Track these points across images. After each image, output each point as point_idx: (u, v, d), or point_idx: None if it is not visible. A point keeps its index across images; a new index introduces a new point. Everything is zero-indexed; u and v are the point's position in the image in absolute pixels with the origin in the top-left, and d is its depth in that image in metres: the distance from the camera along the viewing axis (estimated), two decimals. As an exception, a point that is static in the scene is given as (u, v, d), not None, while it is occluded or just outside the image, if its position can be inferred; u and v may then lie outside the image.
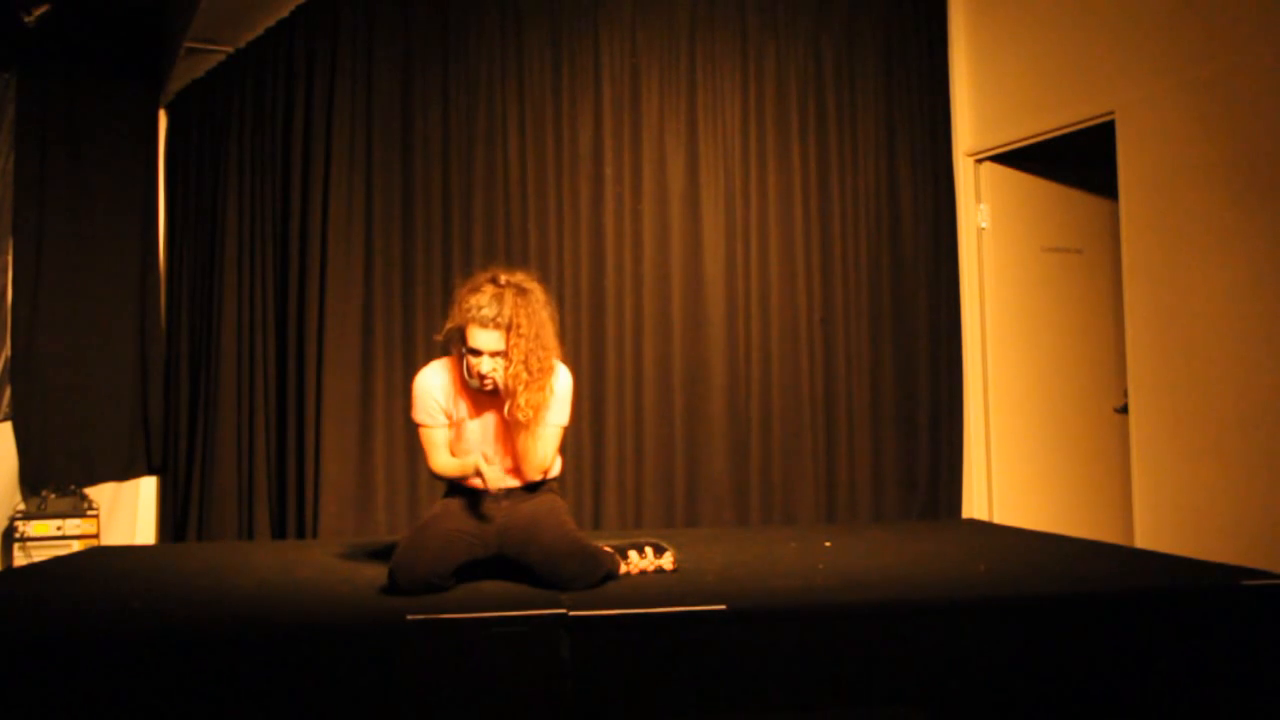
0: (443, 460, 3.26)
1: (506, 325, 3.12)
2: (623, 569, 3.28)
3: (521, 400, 3.11)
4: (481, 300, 3.15)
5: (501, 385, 3.10)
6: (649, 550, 3.35)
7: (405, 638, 2.60)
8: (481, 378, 3.11)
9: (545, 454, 3.23)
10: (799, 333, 5.03)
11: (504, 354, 3.10)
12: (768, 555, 3.71)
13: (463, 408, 3.24)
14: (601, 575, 3.12)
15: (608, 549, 3.27)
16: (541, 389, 3.16)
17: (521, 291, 3.16)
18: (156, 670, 2.50)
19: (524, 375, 3.12)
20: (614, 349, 4.84)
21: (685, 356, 4.91)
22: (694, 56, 5.04)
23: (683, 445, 4.88)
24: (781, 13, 5.14)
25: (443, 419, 3.24)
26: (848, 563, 3.52)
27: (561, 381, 3.24)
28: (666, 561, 3.34)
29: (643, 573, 3.30)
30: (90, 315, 4.78)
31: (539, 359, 3.15)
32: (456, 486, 3.28)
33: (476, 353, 3.11)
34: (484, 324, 3.12)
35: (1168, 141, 4.23)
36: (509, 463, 3.25)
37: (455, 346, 3.21)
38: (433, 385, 3.24)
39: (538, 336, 3.16)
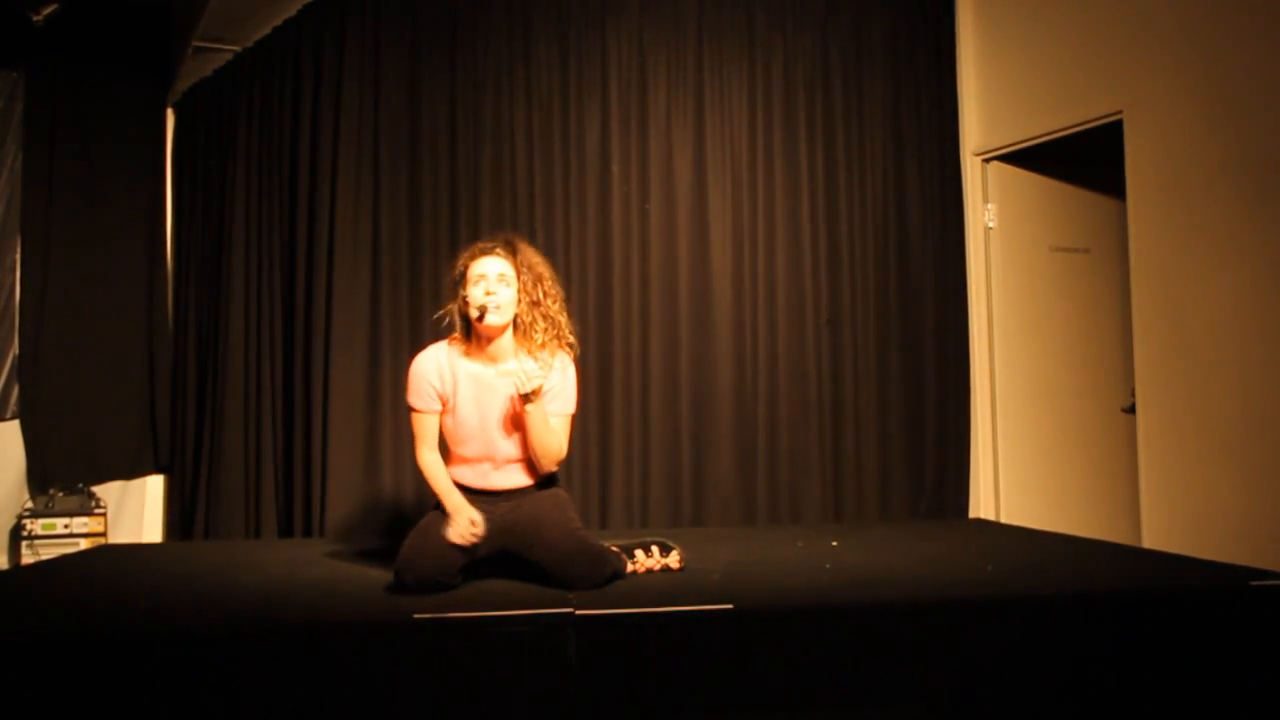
0: (428, 456, 3.20)
1: (513, 253, 3.15)
2: (629, 568, 3.27)
3: (536, 356, 3.12)
4: (483, 242, 3.22)
5: (500, 313, 3.08)
6: (655, 549, 3.35)
7: (412, 637, 2.60)
8: (482, 310, 3.07)
9: (560, 445, 3.20)
10: (806, 332, 5.03)
11: (512, 285, 3.11)
12: (774, 555, 3.71)
13: (460, 392, 3.17)
14: (609, 574, 3.11)
15: (614, 548, 3.27)
16: (556, 342, 3.17)
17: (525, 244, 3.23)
18: (163, 668, 2.50)
19: (538, 319, 3.13)
20: (621, 348, 4.84)
21: (692, 356, 4.91)
22: (701, 56, 5.03)
23: (689, 445, 4.87)
24: (789, 12, 5.14)
25: (436, 404, 3.18)
26: (854, 562, 3.51)
27: (569, 369, 3.23)
28: (673, 560, 3.34)
29: (649, 571, 3.30)
30: (98, 314, 4.79)
31: (553, 305, 3.16)
32: (459, 485, 3.26)
33: (479, 280, 3.11)
34: (486, 252, 3.16)
35: (1176, 141, 4.22)
36: (514, 452, 3.20)
37: (456, 307, 3.20)
38: (427, 368, 3.19)
39: (547, 282, 3.18)
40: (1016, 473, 5.12)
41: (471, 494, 3.21)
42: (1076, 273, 5.28)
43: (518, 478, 3.23)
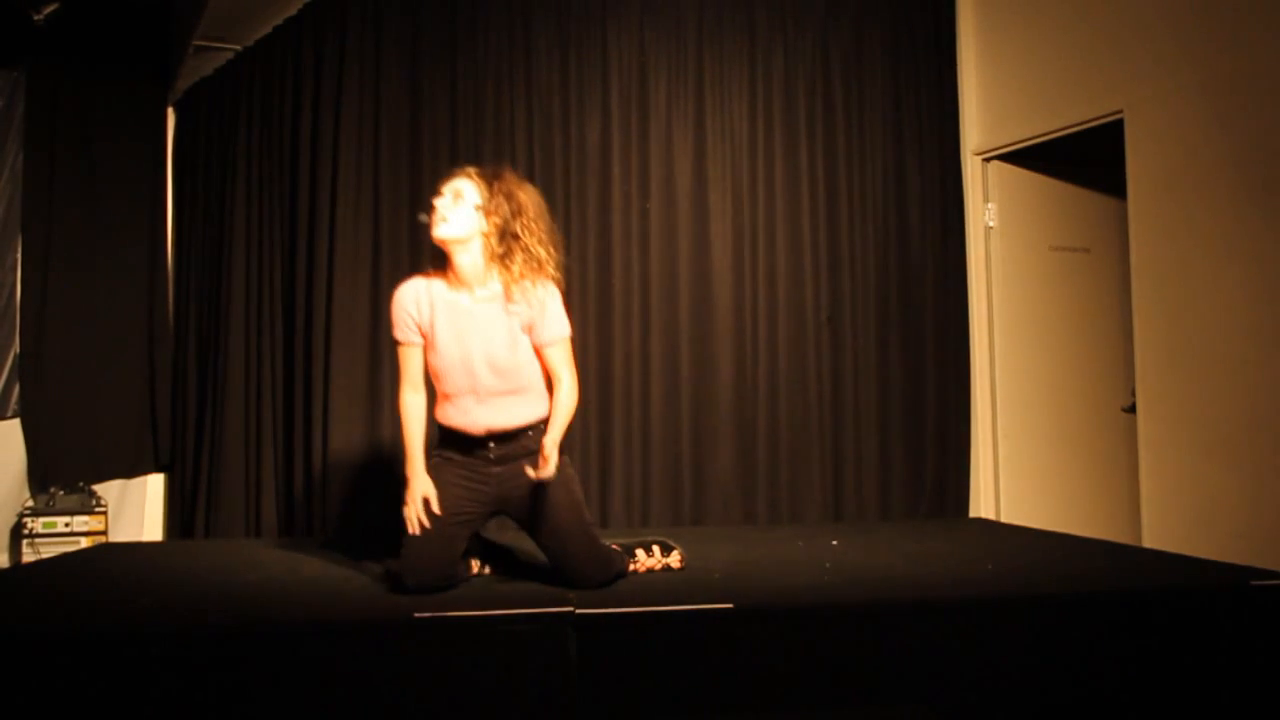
0: (407, 397, 3.14)
1: (489, 179, 3.07)
2: (630, 567, 3.28)
3: (513, 288, 3.02)
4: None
5: (446, 227, 3.01)
6: (656, 549, 3.35)
7: (412, 637, 2.60)
8: (427, 222, 3.02)
9: (572, 399, 3.08)
10: (806, 332, 5.02)
11: (467, 203, 3.03)
12: (774, 554, 3.71)
13: (438, 321, 3.08)
14: (613, 576, 3.11)
15: (615, 547, 3.27)
16: (536, 274, 3.04)
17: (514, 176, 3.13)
18: (164, 667, 2.51)
19: (515, 250, 3.01)
20: (621, 347, 4.84)
21: (692, 355, 4.91)
22: (702, 55, 5.03)
23: (690, 444, 4.87)
24: (789, 11, 5.13)
25: (415, 336, 3.10)
26: (854, 562, 3.52)
27: (551, 295, 3.08)
28: (674, 560, 3.34)
29: (650, 571, 3.30)
30: (99, 313, 4.79)
31: (532, 238, 3.03)
32: (448, 438, 3.13)
33: (438, 196, 3.05)
34: (455, 173, 3.10)
35: (1176, 140, 4.22)
36: (496, 384, 3.05)
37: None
38: (405, 296, 3.12)
39: (529, 214, 3.05)
40: (1017, 472, 5.12)
41: (460, 445, 3.09)
42: (1077, 272, 5.27)
43: (502, 415, 3.07)
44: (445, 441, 3.15)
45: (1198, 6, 4.15)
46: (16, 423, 4.67)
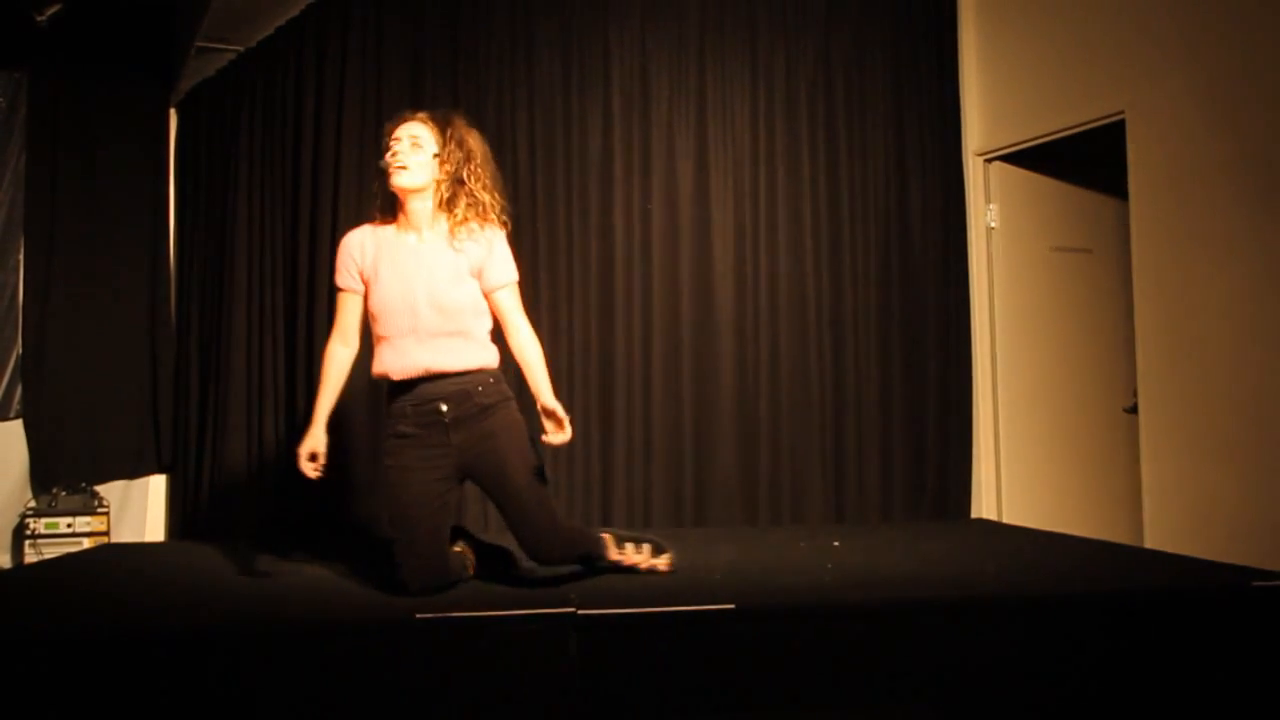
0: (334, 348, 3.14)
1: (441, 124, 3.07)
2: (614, 555, 3.22)
3: (457, 227, 3.04)
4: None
5: (406, 175, 3.01)
6: (646, 547, 3.29)
7: (412, 637, 2.61)
8: (385, 170, 3.01)
9: (526, 322, 3.12)
10: (808, 332, 5.02)
11: (425, 150, 3.03)
12: (776, 554, 3.71)
13: (382, 263, 3.06)
14: (577, 555, 3.13)
15: (607, 535, 3.25)
16: (482, 219, 3.07)
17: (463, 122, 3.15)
18: (164, 667, 2.51)
19: (460, 195, 3.03)
20: (623, 348, 4.84)
21: (694, 356, 4.91)
22: (703, 57, 5.03)
23: (691, 445, 4.87)
24: (791, 13, 5.13)
25: (357, 283, 3.09)
26: (856, 562, 3.52)
27: (497, 239, 3.12)
28: (661, 562, 3.26)
29: (634, 568, 3.24)
30: (101, 314, 4.80)
31: (478, 184, 3.06)
32: (394, 392, 3.10)
33: (393, 143, 3.04)
34: (406, 118, 3.09)
35: (1177, 141, 4.22)
36: (437, 324, 3.03)
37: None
38: (351, 241, 3.12)
39: (476, 161, 3.08)
40: (1018, 473, 5.12)
41: (407, 402, 3.07)
42: (1078, 273, 5.27)
43: (442, 356, 3.03)
44: (393, 396, 3.11)
45: (1199, 7, 4.15)
46: (19, 423, 4.68)
